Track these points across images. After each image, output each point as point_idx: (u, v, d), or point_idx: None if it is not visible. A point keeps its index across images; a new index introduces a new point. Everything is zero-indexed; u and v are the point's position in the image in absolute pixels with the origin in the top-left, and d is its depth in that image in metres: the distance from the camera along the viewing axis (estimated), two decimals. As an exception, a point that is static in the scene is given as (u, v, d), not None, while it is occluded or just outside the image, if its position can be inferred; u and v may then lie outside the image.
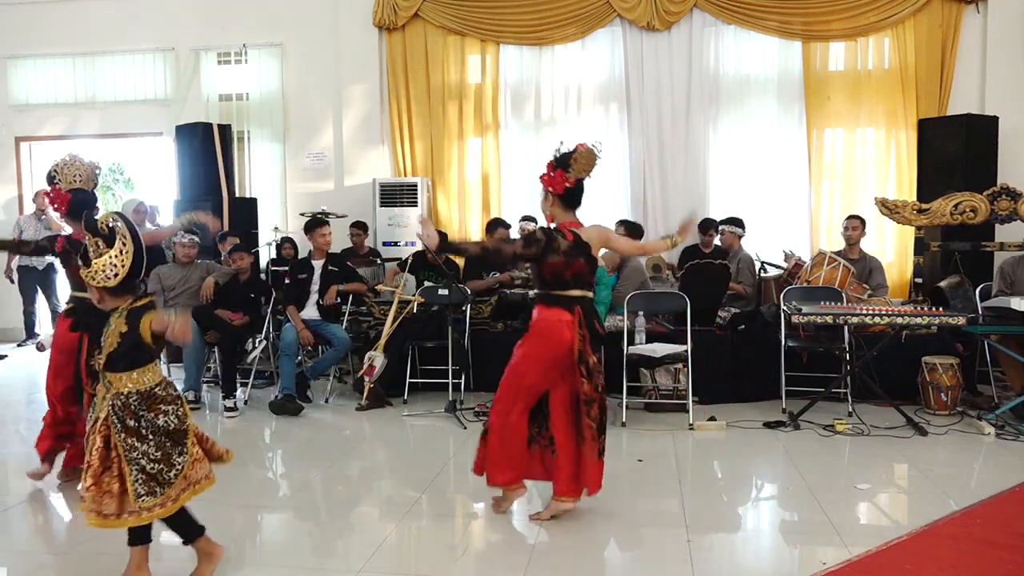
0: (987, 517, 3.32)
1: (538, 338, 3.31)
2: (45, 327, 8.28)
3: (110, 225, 2.54)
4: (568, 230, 3.33)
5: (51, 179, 3.72)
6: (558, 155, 3.33)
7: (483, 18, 7.56)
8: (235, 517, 3.47)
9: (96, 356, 2.65)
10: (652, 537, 3.23)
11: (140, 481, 2.52)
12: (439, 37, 7.66)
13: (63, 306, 4.14)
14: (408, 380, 5.57)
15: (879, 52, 7.25)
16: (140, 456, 2.53)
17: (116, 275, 2.53)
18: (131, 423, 2.55)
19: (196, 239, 5.80)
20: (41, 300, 8.11)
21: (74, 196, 3.67)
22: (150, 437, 2.56)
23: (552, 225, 3.40)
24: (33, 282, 7.99)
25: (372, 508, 3.69)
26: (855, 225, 6.03)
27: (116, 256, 2.53)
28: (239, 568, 2.97)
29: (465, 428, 4.88)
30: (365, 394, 5.35)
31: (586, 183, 3.42)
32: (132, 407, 2.56)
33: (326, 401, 5.61)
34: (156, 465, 2.54)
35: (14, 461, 4.43)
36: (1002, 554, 2.94)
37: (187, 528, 2.70)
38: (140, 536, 2.65)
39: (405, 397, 5.52)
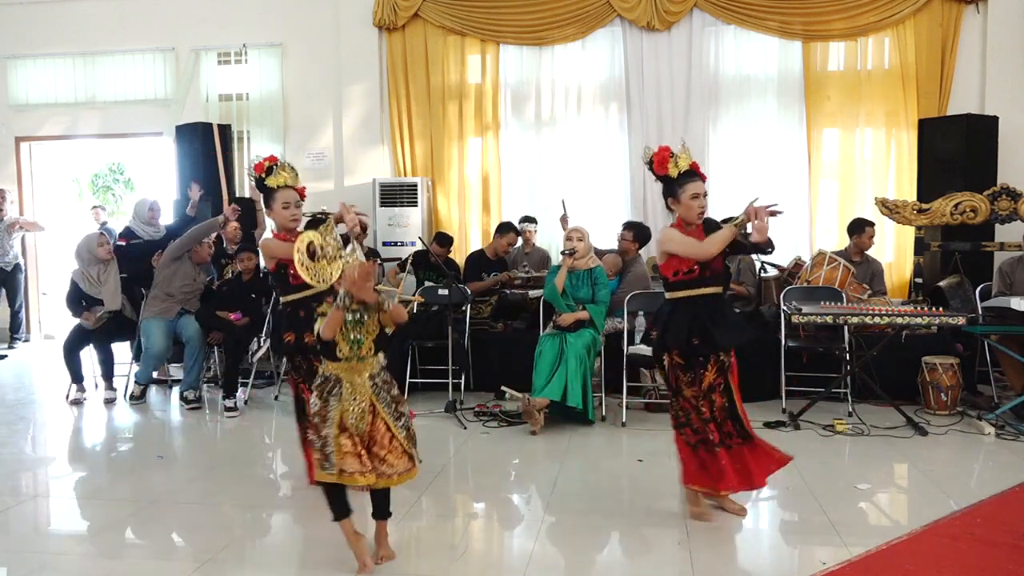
0: (987, 517, 3.32)
1: None
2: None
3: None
4: None
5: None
6: None
7: (483, 18, 7.56)
8: (235, 517, 3.47)
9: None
10: (652, 537, 3.23)
11: (409, 443, 2.84)
12: (439, 37, 7.65)
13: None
14: (408, 380, 5.57)
15: (879, 52, 7.24)
16: (406, 420, 2.87)
17: None
18: (395, 392, 2.89)
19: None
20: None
21: None
22: (405, 402, 2.92)
23: None
24: None
25: (372, 508, 3.69)
26: (874, 232, 6.00)
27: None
28: (239, 568, 2.97)
29: (465, 428, 4.88)
30: (365, 394, 5.34)
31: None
32: (388, 379, 2.89)
33: (326, 401, 5.60)
34: (413, 428, 2.89)
35: (13, 461, 4.43)
36: (1002, 554, 2.94)
37: (388, 503, 2.95)
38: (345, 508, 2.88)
39: (405, 397, 5.50)
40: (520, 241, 7.05)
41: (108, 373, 5.76)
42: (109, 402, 5.62)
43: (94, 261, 5.69)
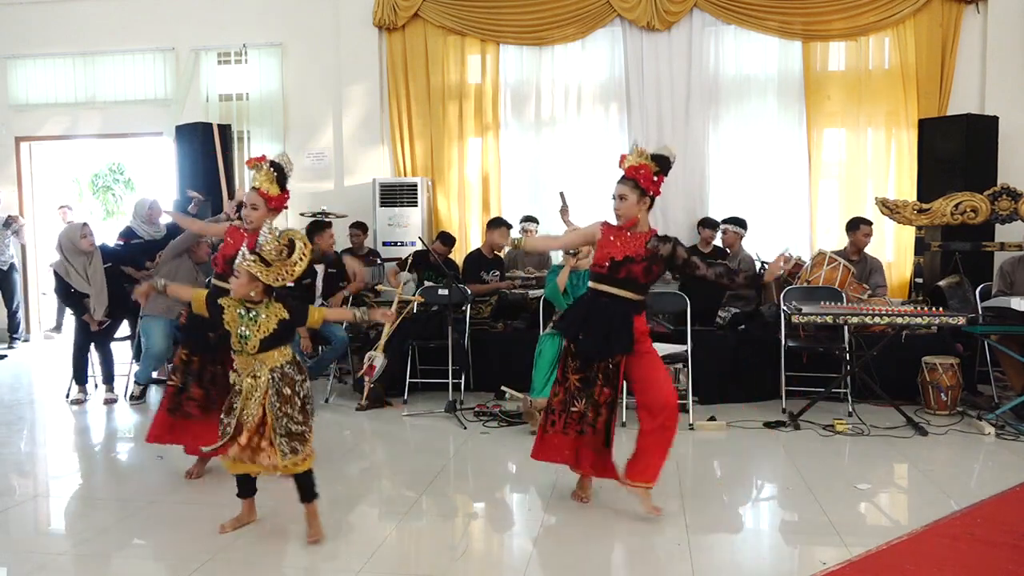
0: (987, 517, 3.32)
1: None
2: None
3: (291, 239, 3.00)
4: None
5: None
6: (660, 160, 3.40)
7: (483, 18, 7.56)
8: (235, 517, 3.46)
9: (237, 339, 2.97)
10: (652, 537, 3.23)
11: (285, 443, 2.95)
12: (439, 37, 7.66)
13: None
14: (408, 380, 5.57)
15: (879, 52, 7.24)
16: (288, 420, 2.96)
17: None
18: (287, 391, 2.96)
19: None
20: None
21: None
22: (297, 402, 2.98)
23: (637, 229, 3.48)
24: None
25: (372, 508, 3.69)
26: (871, 232, 6.00)
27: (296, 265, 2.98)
28: (239, 568, 2.97)
29: (465, 428, 4.88)
30: (365, 394, 5.35)
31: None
32: (289, 376, 2.97)
33: (326, 401, 5.60)
34: (300, 427, 2.99)
35: (12, 461, 4.43)
36: (1002, 554, 2.94)
37: (310, 489, 3.08)
38: (248, 489, 3.18)
39: (405, 397, 5.51)
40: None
41: (109, 377, 5.75)
42: (109, 402, 5.61)
43: (77, 253, 5.55)
